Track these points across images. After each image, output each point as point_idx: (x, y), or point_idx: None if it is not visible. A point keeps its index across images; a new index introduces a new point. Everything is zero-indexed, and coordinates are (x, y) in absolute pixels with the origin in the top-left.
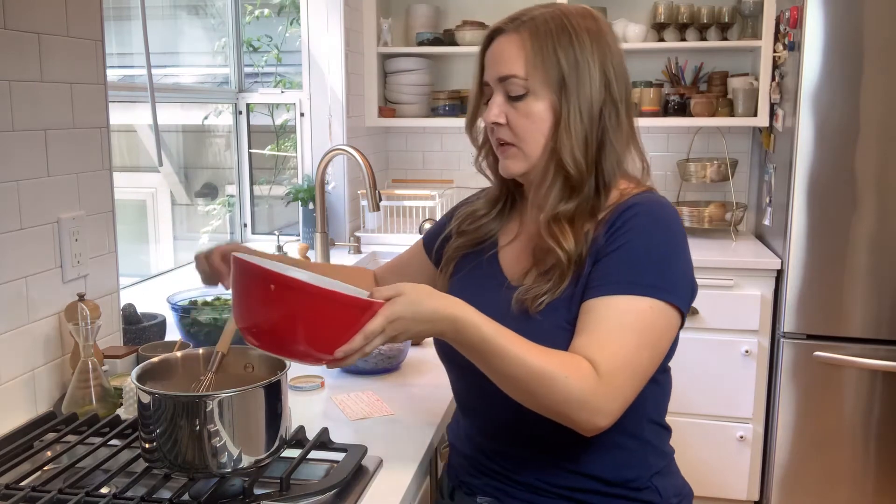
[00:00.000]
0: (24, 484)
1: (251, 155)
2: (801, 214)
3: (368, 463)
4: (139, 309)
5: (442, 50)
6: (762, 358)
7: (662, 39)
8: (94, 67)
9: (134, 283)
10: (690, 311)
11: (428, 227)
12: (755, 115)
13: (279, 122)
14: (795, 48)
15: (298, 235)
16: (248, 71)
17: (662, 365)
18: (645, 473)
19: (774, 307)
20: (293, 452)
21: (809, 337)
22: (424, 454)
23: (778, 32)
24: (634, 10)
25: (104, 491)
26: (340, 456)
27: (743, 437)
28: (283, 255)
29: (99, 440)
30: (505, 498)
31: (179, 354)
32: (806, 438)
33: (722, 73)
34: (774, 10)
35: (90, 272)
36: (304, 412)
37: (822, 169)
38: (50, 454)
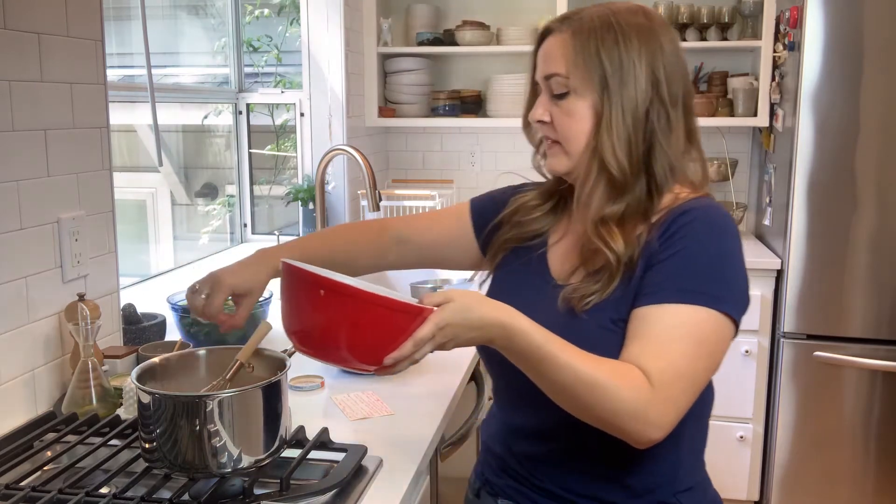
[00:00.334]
0: (24, 484)
1: (251, 155)
2: (801, 214)
3: (368, 463)
4: (139, 309)
5: (442, 50)
6: (762, 358)
7: None
8: (94, 67)
9: (134, 283)
10: None
11: None
12: (755, 115)
13: (279, 122)
14: (795, 48)
15: (298, 235)
16: (248, 71)
17: None
18: (672, 489)
19: (774, 307)
20: (293, 452)
21: (809, 337)
22: (424, 454)
23: (778, 32)
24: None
25: (104, 491)
26: (340, 456)
27: (743, 437)
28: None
29: (99, 440)
30: (524, 501)
31: (179, 354)
32: (806, 438)
33: (722, 73)
34: (774, 10)
35: (90, 272)
36: (304, 412)
37: (822, 169)
38: (50, 454)
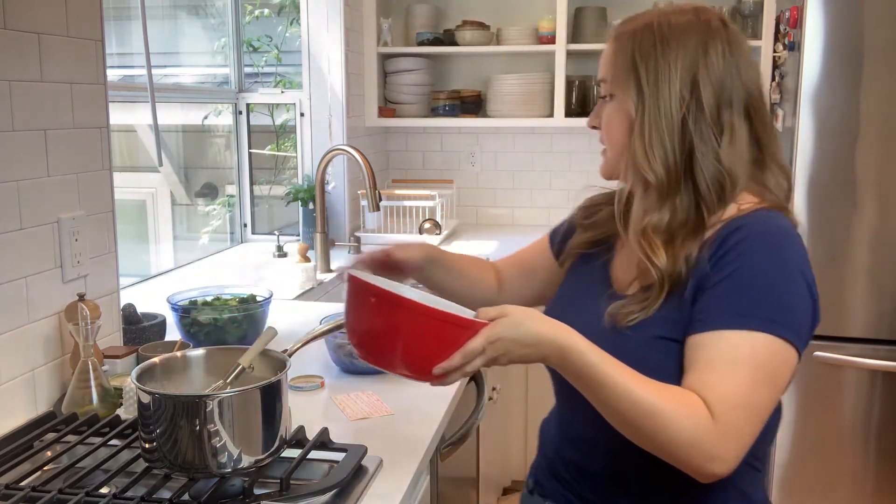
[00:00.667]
0: (24, 484)
1: (251, 155)
2: (801, 214)
3: (368, 463)
4: (139, 309)
5: (442, 50)
6: None
7: None
8: (94, 67)
9: (134, 283)
10: None
11: (428, 226)
12: None
13: (279, 122)
14: (795, 48)
15: (298, 235)
16: (248, 71)
17: None
18: None
19: None
20: (293, 452)
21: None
22: (424, 454)
23: (778, 32)
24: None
25: (104, 491)
26: (340, 456)
27: None
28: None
29: (99, 440)
30: None
31: (179, 354)
32: (806, 438)
33: None
34: (774, 10)
35: (90, 272)
36: (304, 412)
37: (822, 169)
38: (50, 454)
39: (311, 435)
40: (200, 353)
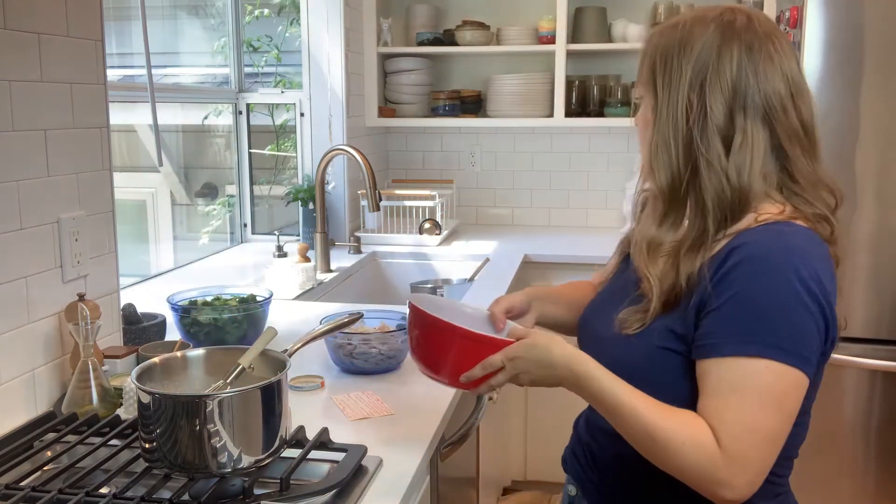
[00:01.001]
0: (24, 484)
1: (251, 155)
2: None
3: (368, 463)
4: (139, 309)
5: (442, 50)
6: None
7: None
8: (94, 67)
9: (134, 283)
10: None
11: (428, 227)
12: None
13: (279, 122)
14: (795, 48)
15: (298, 235)
16: (248, 71)
17: (798, 418)
18: None
19: None
20: (293, 452)
21: None
22: (424, 454)
23: None
24: (634, 10)
25: (104, 491)
26: (340, 456)
27: None
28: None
29: (99, 440)
30: (587, 485)
31: (179, 354)
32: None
33: None
34: (774, 10)
35: (90, 272)
36: (304, 412)
37: None
38: (50, 454)
39: (311, 435)
40: (200, 353)
